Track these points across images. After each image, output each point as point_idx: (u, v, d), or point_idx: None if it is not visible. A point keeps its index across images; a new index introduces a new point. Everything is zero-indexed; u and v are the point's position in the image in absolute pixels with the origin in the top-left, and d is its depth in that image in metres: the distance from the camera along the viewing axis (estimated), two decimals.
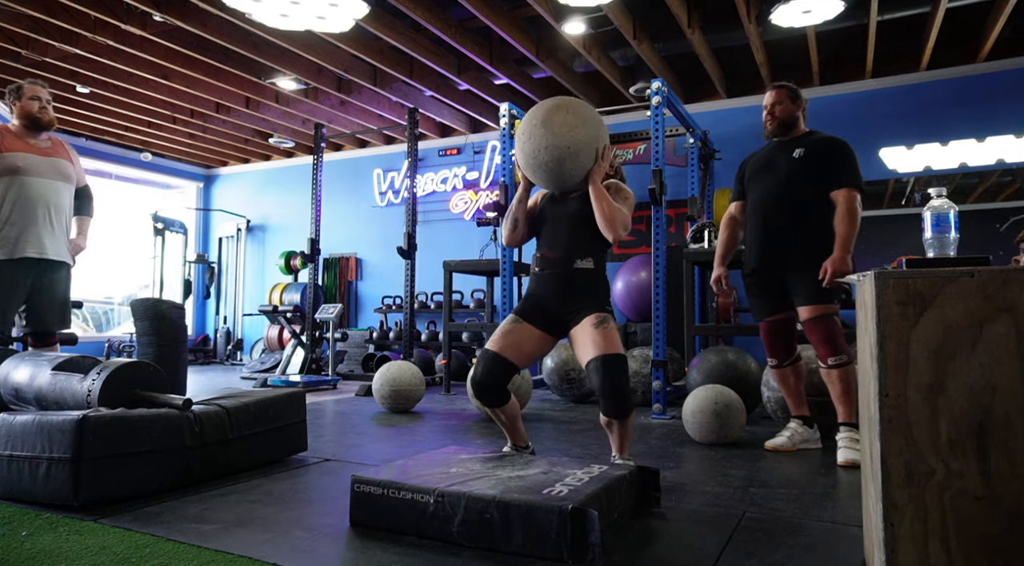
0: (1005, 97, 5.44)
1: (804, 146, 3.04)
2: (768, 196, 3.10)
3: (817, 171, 2.98)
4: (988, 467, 1.27)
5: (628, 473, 2.02)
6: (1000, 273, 1.29)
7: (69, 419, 2.06)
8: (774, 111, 3.11)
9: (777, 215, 3.06)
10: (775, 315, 3.12)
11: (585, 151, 2.44)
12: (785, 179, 3.04)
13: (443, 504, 1.78)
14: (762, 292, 3.14)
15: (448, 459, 2.16)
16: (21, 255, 3.33)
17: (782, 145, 3.11)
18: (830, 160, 2.98)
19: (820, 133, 3.11)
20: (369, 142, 8.39)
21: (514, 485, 1.83)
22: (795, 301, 3.01)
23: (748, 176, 3.24)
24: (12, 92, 3.44)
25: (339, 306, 6.11)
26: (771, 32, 5.11)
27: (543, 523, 1.66)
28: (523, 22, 5.27)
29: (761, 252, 3.11)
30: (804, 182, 3.00)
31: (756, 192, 3.17)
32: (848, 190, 2.91)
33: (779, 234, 3.05)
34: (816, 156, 3.00)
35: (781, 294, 3.07)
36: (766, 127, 3.15)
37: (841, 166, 2.95)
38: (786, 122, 3.10)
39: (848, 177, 2.93)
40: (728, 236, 3.34)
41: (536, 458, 2.19)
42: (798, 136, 3.11)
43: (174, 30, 5.19)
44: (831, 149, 3.00)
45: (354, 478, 1.94)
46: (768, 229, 3.09)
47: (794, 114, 3.10)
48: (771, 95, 3.13)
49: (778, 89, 3.12)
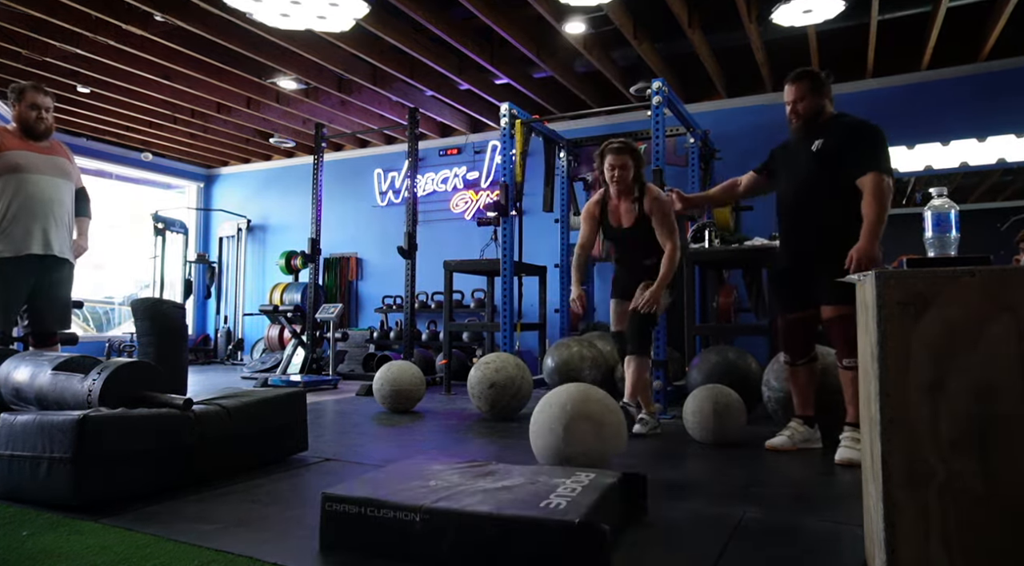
0: (1006, 96, 5.44)
1: (824, 136, 2.93)
2: (790, 194, 3.07)
3: (836, 162, 2.88)
4: (989, 467, 1.27)
5: (617, 480, 1.92)
6: (1001, 273, 1.29)
7: (70, 419, 2.06)
8: (797, 109, 3.00)
9: (799, 214, 3.02)
10: (795, 313, 3.07)
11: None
12: (804, 176, 2.98)
13: (431, 522, 1.62)
14: (786, 288, 3.10)
15: (422, 471, 1.99)
16: (26, 252, 3.33)
17: (804, 137, 3.01)
18: (850, 147, 2.86)
19: (847, 117, 2.98)
20: (369, 142, 8.39)
21: (505, 498, 1.70)
22: (819, 299, 2.93)
23: (775, 169, 3.20)
24: (14, 93, 3.43)
25: (339, 306, 6.11)
26: (771, 32, 5.11)
27: (547, 540, 1.53)
28: (524, 22, 5.26)
29: (789, 251, 3.08)
30: (823, 177, 2.91)
31: (781, 190, 3.13)
32: (873, 174, 2.78)
33: (802, 233, 3.01)
34: (835, 146, 2.89)
35: (805, 291, 3.00)
36: (791, 123, 3.05)
37: (864, 151, 2.83)
38: (811, 117, 2.99)
39: (872, 161, 2.80)
40: (718, 190, 3.48)
41: (513, 467, 2.08)
42: (821, 124, 2.99)
43: (175, 30, 5.19)
44: (852, 136, 2.89)
45: (325, 496, 1.74)
46: (792, 228, 3.06)
47: (819, 106, 2.99)
48: (791, 91, 3.01)
49: (797, 83, 3.00)
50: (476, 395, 4.02)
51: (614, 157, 3.38)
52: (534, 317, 6.40)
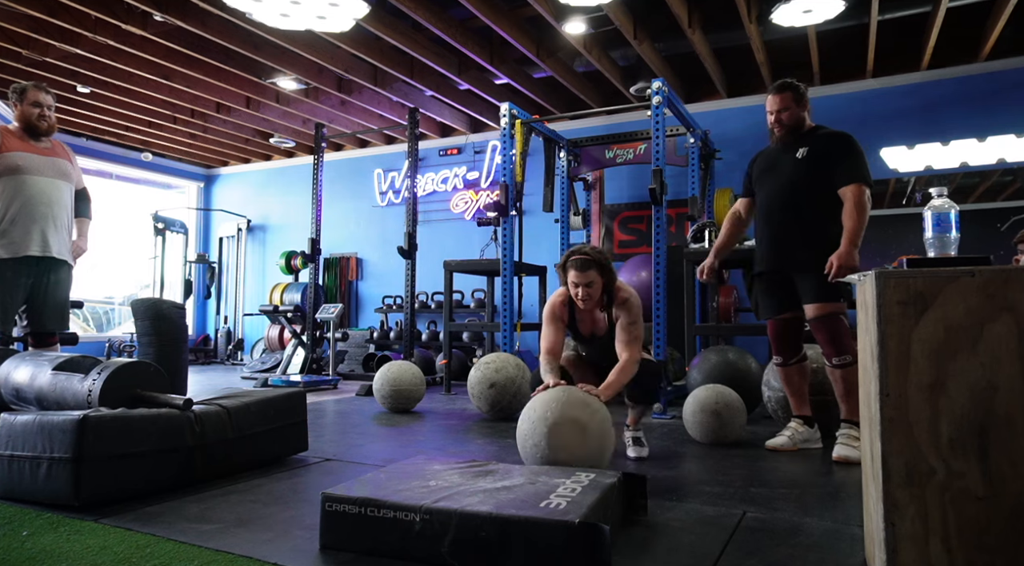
0: (1006, 96, 5.44)
1: (808, 145, 3.03)
2: (774, 198, 3.10)
3: (822, 170, 2.96)
4: (989, 467, 1.27)
5: (617, 480, 1.92)
6: (1001, 273, 1.29)
7: (70, 419, 2.06)
8: (781, 118, 3.07)
9: (783, 217, 3.06)
10: (783, 314, 3.12)
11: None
12: (789, 181, 3.04)
13: (431, 522, 1.62)
14: (770, 290, 3.14)
15: (422, 471, 2.00)
16: (24, 254, 3.33)
17: (787, 145, 3.10)
18: (835, 157, 2.95)
19: (825, 129, 3.09)
20: (369, 142, 8.39)
21: (505, 498, 1.70)
22: (802, 299, 3.02)
23: (756, 176, 3.24)
24: (15, 93, 3.43)
25: (340, 306, 6.11)
26: (772, 32, 5.11)
27: (547, 540, 1.53)
28: (524, 22, 5.27)
29: (769, 254, 3.12)
30: (808, 183, 2.99)
31: (763, 193, 3.18)
32: (855, 185, 2.88)
33: (786, 236, 3.05)
34: (820, 155, 2.98)
35: (790, 293, 3.08)
36: (774, 133, 3.13)
37: (847, 162, 2.93)
38: (794, 127, 3.07)
39: (854, 172, 2.90)
40: (729, 230, 3.36)
41: (513, 467, 2.08)
42: (803, 134, 3.09)
43: (174, 30, 5.19)
44: (835, 146, 2.98)
45: (325, 496, 1.75)
46: (775, 231, 3.10)
47: (800, 116, 3.07)
48: (775, 101, 3.08)
49: (781, 94, 3.06)
50: (476, 395, 4.02)
51: (577, 274, 2.75)
52: (534, 317, 6.40)
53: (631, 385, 2.80)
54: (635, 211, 6.79)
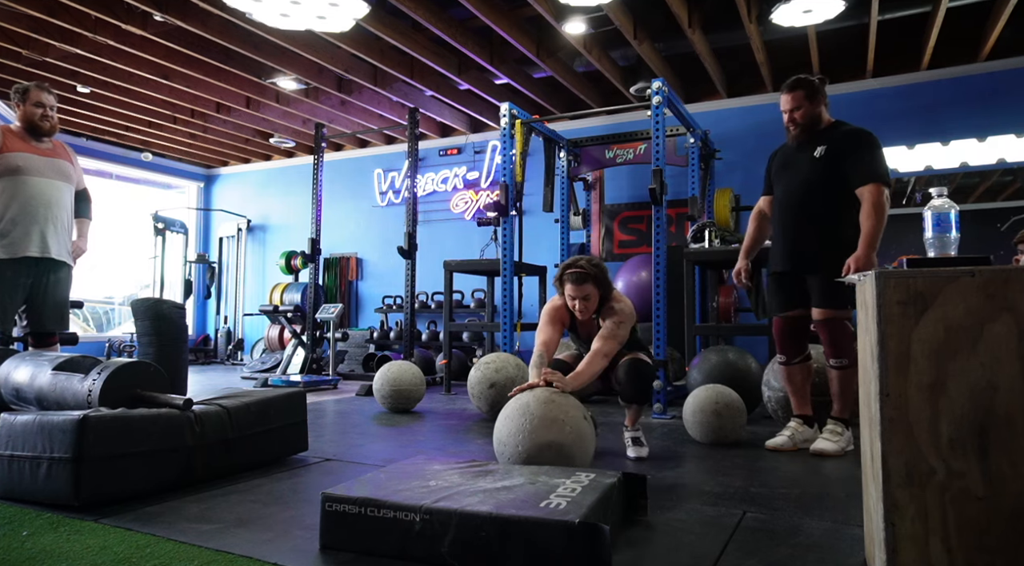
0: (1006, 96, 5.44)
1: (826, 143, 2.98)
2: (790, 197, 3.08)
3: (840, 169, 2.92)
4: (989, 467, 1.27)
5: (617, 480, 1.92)
6: (1001, 273, 1.29)
7: (70, 419, 2.06)
8: (795, 117, 3.03)
9: (799, 217, 3.04)
10: (790, 311, 3.12)
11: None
12: (805, 180, 3.01)
13: (431, 522, 1.62)
14: (782, 288, 3.14)
15: (423, 471, 2.00)
16: (23, 254, 3.34)
17: (804, 143, 3.06)
18: (853, 156, 2.91)
19: (845, 125, 3.02)
20: (369, 142, 8.39)
21: (505, 498, 1.69)
22: (812, 300, 3.02)
23: (774, 173, 3.22)
24: (17, 93, 3.44)
25: (339, 306, 6.11)
26: (771, 32, 5.11)
27: (547, 540, 1.53)
28: (523, 22, 5.27)
29: (785, 254, 3.10)
30: (825, 182, 2.96)
31: (779, 191, 3.15)
32: (873, 185, 2.84)
33: (802, 236, 3.04)
34: (839, 153, 2.94)
35: (800, 291, 3.07)
36: (789, 131, 3.09)
37: (864, 160, 2.88)
38: (809, 125, 3.03)
39: (872, 172, 2.86)
40: (755, 229, 3.35)
41: (513, 467, 2.09)
42: (821, 131, 3.03)
43: (174, 30, 5.19)
44: (853, 144, 2.93)
45: (325, 496, 1.74)
46: (791, 231, 3.08)
47: (815, 113, 3.02)
48: (787, 99, 3.04)
49: (793, 92, 3.02)
50: (476, 395, 4.02)
51: (574, 288, 2.85)
52: (534, 317, 6.40)
53: (623, 386, 2.88)
54: (635, 211, 6.79)
